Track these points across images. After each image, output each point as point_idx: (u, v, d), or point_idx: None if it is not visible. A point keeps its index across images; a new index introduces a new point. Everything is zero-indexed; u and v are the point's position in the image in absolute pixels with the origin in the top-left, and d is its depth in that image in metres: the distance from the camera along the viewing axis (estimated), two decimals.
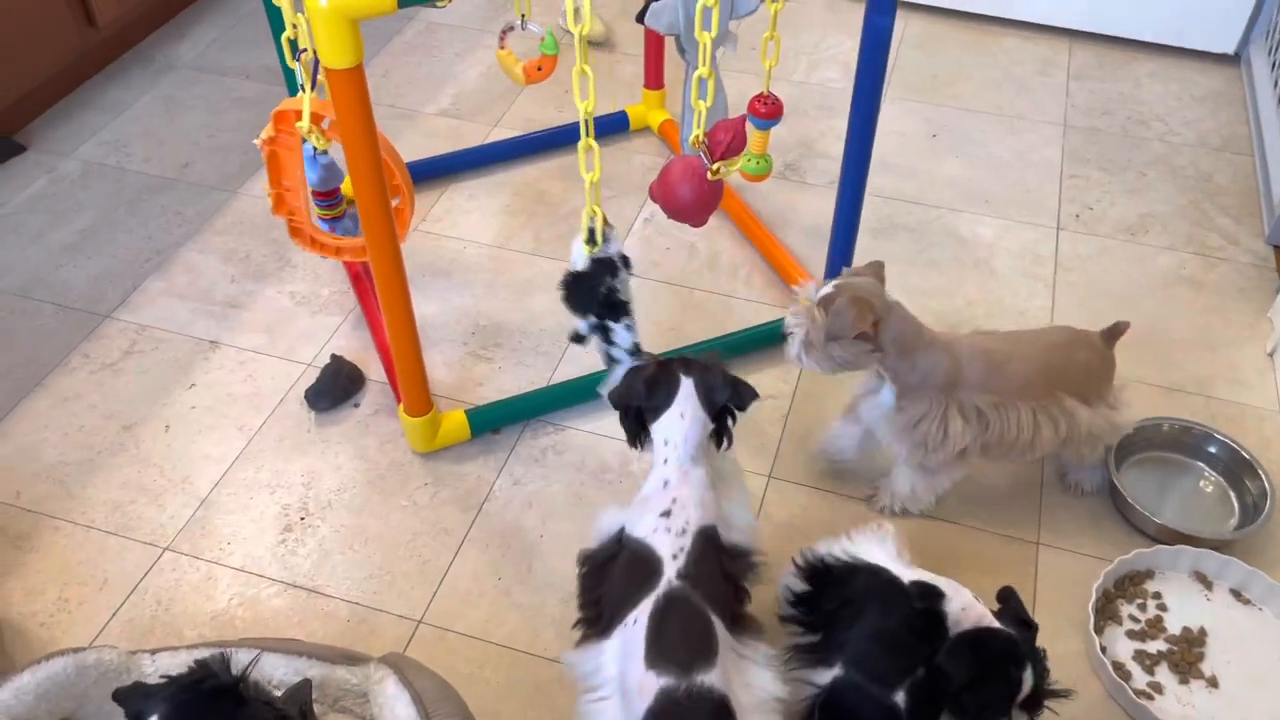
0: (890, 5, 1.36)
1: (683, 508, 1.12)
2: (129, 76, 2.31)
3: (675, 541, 1.10)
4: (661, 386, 1.17)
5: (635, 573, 1.09)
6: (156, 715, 0.95)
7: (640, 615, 1.06)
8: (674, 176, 1.40)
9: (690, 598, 1.06)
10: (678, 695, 1.00)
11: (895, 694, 1.05)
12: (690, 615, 1.05)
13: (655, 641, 1.04)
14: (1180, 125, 2.19)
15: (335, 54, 1.10)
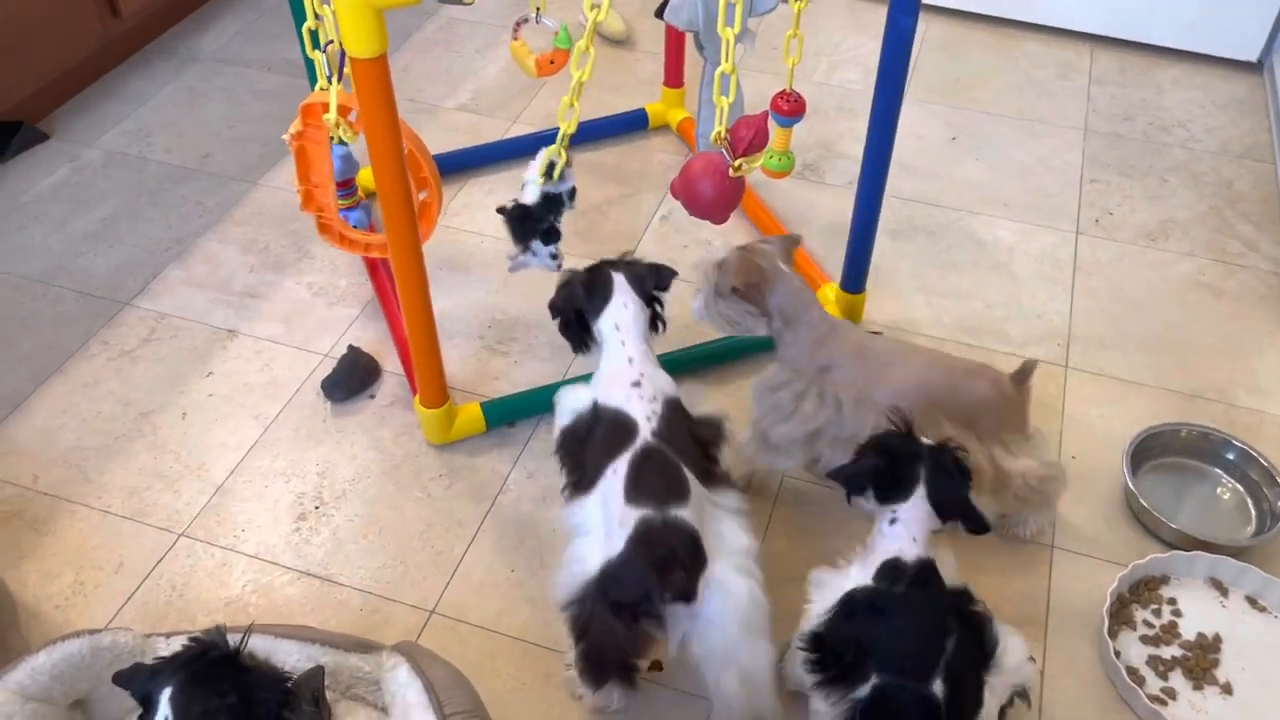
0: (914, 6, 1.36)
1: (650, 380, 1.26)
2: (152, 67, 2.33)
3: (648, 407, 1.23)
4: (599, 286, 1.32)
5: (613, 435, 1.22)
6: (168, 689, 0.96)
7: (619, 466, 1.18)
8: (695, 173, 1.40)
9: (665, 450, 1.20)
10: (654, 523, 1.13)
11: (933, 683, 1.05)
12: (665, 463, 1.19)
13: (634, 483, 1.17)
14: (1202, 132, 2.18)
15: (360, 43, 1.10)
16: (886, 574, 1.12)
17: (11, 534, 1.44)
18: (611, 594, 1.12)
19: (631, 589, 1.11)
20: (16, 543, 1.43)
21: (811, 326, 1.36)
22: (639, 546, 1.12)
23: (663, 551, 1.11)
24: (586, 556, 1.17)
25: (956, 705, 1.06)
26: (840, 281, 1.70)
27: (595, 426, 1.24)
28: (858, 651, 1.08)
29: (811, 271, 1.79)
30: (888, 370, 1.34)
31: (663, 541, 1.12)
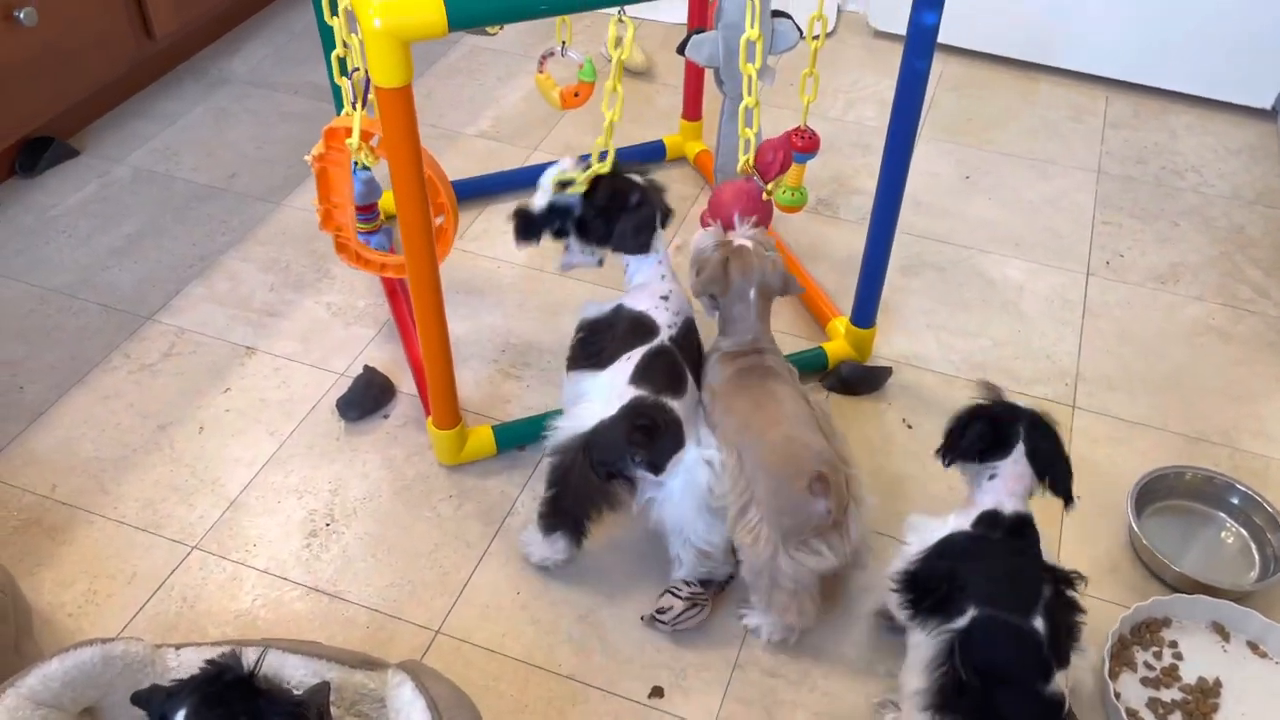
0: (928, 49, 1.39)
1: (678, 298, 1.41)
2: (182, 88, 2.38)
3: (671, 318, 1.39)
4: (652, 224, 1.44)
5: (635, 331, 1.37)
6: (184, 710, 0.98)
7: (634, 355, 1.35)
8: (725, 200, 1.44)
9: (676, 355, 1.37)
10: (647, 401, 1.31)
11: (1034, 619, 1.09)
12: (673, 364, 1.36)
13: (641, 371, 1.34)
14: (1214, 177, 2.20)
15: (386, 74, 1.13)
16: (984, 522, 1.18)
17: (29, 541, 1.46)
18: (594, 451, 1.29)
19: (611, 448, 1.28)
20: (34, 550, 1.45)
21: (735, 344, 1.40)
22: (626, 414, 1.29)
23: (644, 422, 1.28)
24: (582, 417, 1.33)
25: (1055, 645, 1.10)
26: (850, 315, 1.72)
27: (617, 322, 1.40)
28: (951, 586, 1.13)
29: (822, 305, 1.81)
30: (736, 436, 1.32)
31: (648, 415, 1.29)
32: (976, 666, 1.10)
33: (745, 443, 1.30)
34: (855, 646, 1.38)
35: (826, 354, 1.72)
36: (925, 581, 1.17)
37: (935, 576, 1.16)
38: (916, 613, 1.17)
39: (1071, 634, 1.14)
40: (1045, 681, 1.10)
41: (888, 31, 2.60)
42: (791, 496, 1.24)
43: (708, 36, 1.65)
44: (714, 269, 1.38)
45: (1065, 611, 1.14)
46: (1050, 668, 1.10)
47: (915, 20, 1.36)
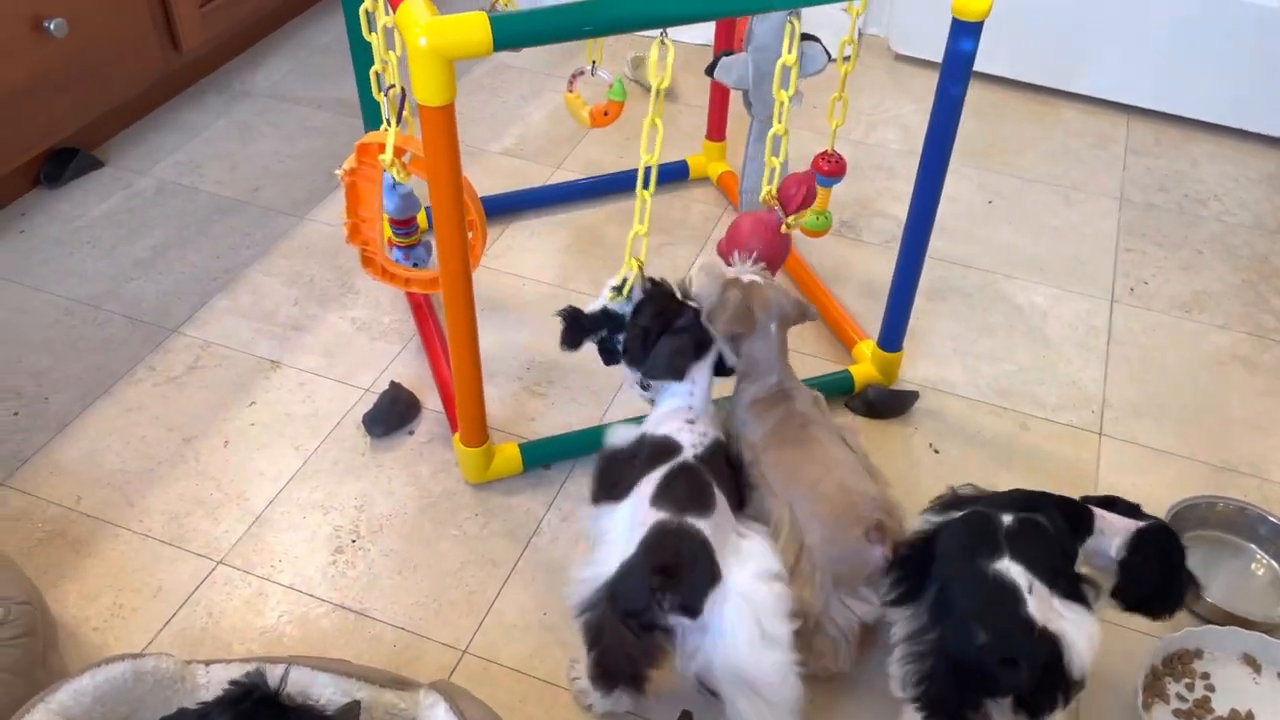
0: (964, 75, 1.39)
1: (704, 422, 1.31)
2: (206, 101, 2.39)
3: (696, 438, 1.28)
4: (696, 343, 1.34)
5: (657, 455, 1.26)
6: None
7: (654, 477, 1.23)
8: (744, 232, 1.43)
9: (700, 470, 1.24)
10: (668, 526, 1.16)
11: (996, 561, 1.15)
12: (698, 480, 1.23)
13: (662, 490, 1.21)
14: (1236, 206, 2.20)
15: (430, 92, 1.14)
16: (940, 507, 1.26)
17: (53, 554, 1.46)
18: (619, 602, 1.14)
19: (634, 596, 1.13)
20: (58, 562, 1.45)
21: (762, 388, 1.35)
22: (646, 551, 1.14)
23: (667, 557, 1.12)
24: (605, 560, 1.19)
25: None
26: (877, 339, 1.72)
27: (640, 451, 1.29)
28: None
29: (847, 328, 1.81)
30: (788, 488, 1.28)
31: (670, 546, 1.13)
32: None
33: (795, 495, 1.26)
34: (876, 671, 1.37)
35: (853, 377, 1.71)
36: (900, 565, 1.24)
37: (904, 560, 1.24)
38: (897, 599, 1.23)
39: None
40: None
41: (908, 55, 2.61)
42: (847, 544, 1.22)
43: (737, 59, 1.65)
44: (737, 309, 1.34)
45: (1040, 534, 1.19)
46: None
47: (953, 47, 1.36)
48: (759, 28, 1.60)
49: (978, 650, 1.11)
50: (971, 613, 1.13)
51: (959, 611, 1.14)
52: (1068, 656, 1.13)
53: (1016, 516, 1.19)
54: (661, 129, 1.29)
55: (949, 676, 1.13)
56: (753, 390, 1.37)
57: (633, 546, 1.17)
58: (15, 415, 1.65)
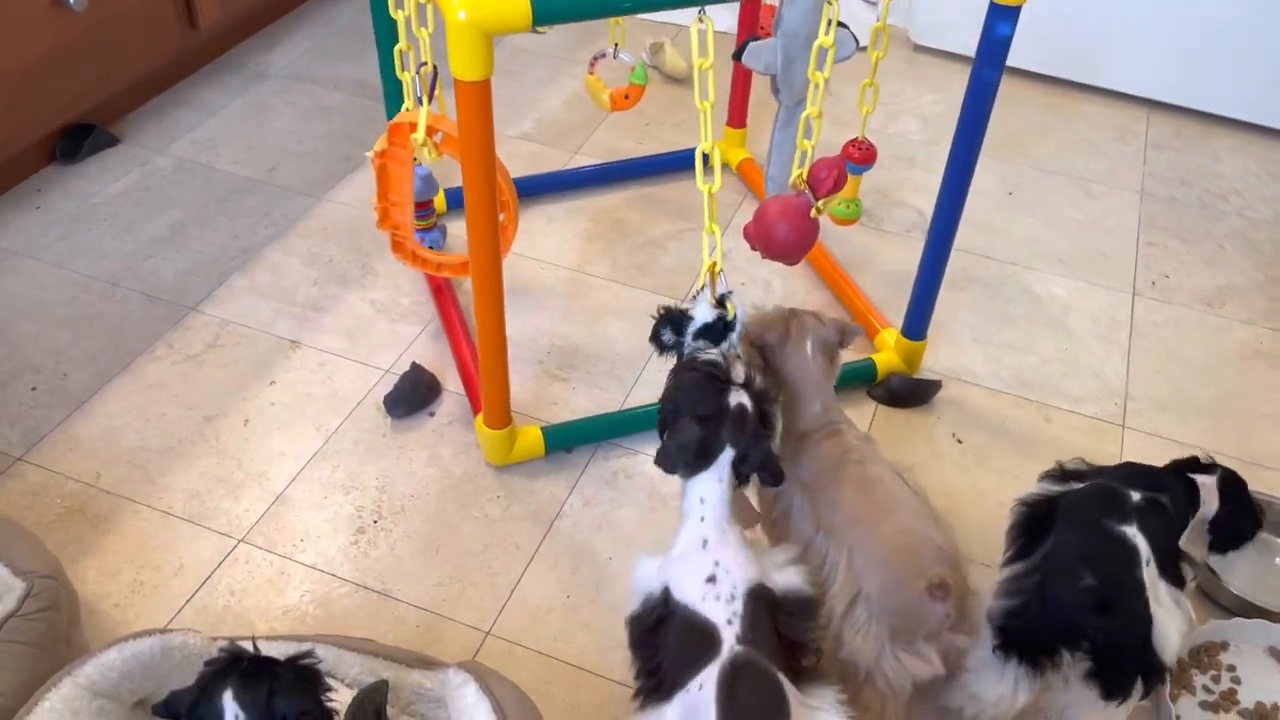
0: (999, 61, 1.38)
1: (727, 571, 1.08)
2: (223, 79, 2.37)
3: (727, 608, 1.06)
4: (703, 443, 1.12)
5: (692, 642, 1.05)
6: (228, 692, 0.98)
7: (705, 682, 1.02)
8: (773, 215, 1.42)
9: (756, 661, 1.03)
10: None
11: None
12: (761, 679, 1.02)
13: (728, 707, 1.00)
14: (1258, 201, 2.19)
15: (468, 67, 1.12)
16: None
17: (73, 530, 1.45)
18: None
19: None
20: (78, 538, 1.43)
21: (807, 418, 1.27)
22: None
23: None
24: None
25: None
26: (901, 328, 1.71)
27: (667, 620, 1.09)
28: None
29: (870, 317, 1.80)
30: (846, 531, 1.20)
31: None
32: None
33: (856, 539, 1.18)
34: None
35: (876, 365, 1.71)
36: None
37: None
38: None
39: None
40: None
41: (927, 46, 2.60)
42: (907, 597, 1.14)
43: (766, 44, 1.64)
44: (773, 317, 1.30)
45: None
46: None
47: (989, 31, 1.35)
48: (788, 12, 1.59)
49: (1079, 592, 1.11)
50: (1085, 558, 1.14)
51: (1071, 556, 1.14)
52: (1158, 643, 1.12)
53: (1144, 494, 1.20)
54: (711, 114, 1.22)
55: (1039, 615, 1.13)
56: (800, 421, 1.28)
57: None
58: (34, 390, 1.63)
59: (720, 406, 1.13)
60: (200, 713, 1.00)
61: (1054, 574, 1.14)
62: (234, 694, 0.99)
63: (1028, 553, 1.20)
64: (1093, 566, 1.13)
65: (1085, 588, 1.12)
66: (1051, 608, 1.13)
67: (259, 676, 1.00)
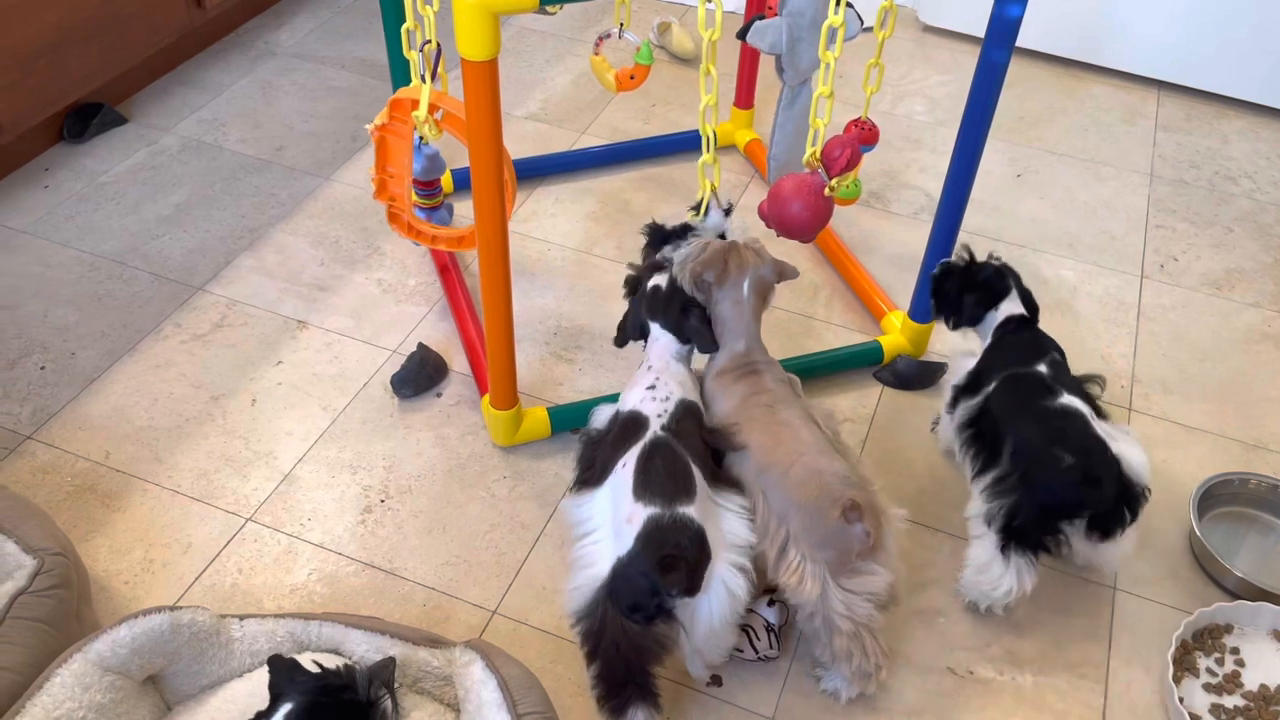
0: (1009, 42, 1.37)
1: (665, 384, 1.29)
2: (229, 59, 2.37)
3: (660, 406, 1.26)
4: (637, 321, 1.39)
5: (625, 431, 1.25)
6: (290, 704, 0.99)
7: (629, 460, 1.21)
8: (786, 194, 1.42)
9: (672, 444, 1.22)
10: (663, 521, 1.15)
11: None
12: (673, 458, 1.20)
13: (642, 478, 1.18)
14: (1268, 184, 2.18)
15: (475, 46, 1.12)
16: (1001, 328, 1.44)
17: (84, 508, 1.46)
18: (622, 597, 1.14)
19: (640, 590, 1.13)
20: (89, 516, 1.44)
21: (729, 357, 1.34)
22: (648, 545, 1.14)
23: (670, 549, 1.13)
24: (596, 560, 1.18)
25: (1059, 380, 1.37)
26: (908, 310, 1.71)
27: (613, 428, 1.28)
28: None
29: (877, 299, 1.80)
30: (758, 478, 1.25)
31: (671, 540, 1.14)
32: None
33: (769, 482, 1.23)
34: (913, 643, 1.37)
35: (883, 348, 1.70)
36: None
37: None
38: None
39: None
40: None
41: (936, 26, 2.58)
42: (828, 527, 1.19)
43: (771, 23, 1.63)
44: (712, 254, 1.34)
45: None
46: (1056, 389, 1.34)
47: (998, 11, 1.34)
48: None
49: (1064, 472, 1.25)
50: (1052, 439, 1.27)
51: (1040, 446, 1.27)
52: (1130, 472, 1.26)
53: (1045, 362, 1.37)
54: (716, 75, 1.27)
55: (1034, 506, 1.26)
56: (721, 359, 1.35)
57: (625, 542, 1.15)
58: (42, 369, 1.64)
59: (639, 290, 1.39)
60: (277, 692, 1.01)
61: (1034, 468, 1.27)
62: (293, 708, 1.00)
63: (994, 461, 1.32)
64: (1064, 446, 1.26)
65: (1067, 467, 1.25)
66: (1045, 495, 1.26)
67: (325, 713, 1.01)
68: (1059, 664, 1.35)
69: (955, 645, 1.36)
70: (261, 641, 1.19)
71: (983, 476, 1.33)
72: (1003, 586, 1.31)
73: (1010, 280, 1.48)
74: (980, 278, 1.48)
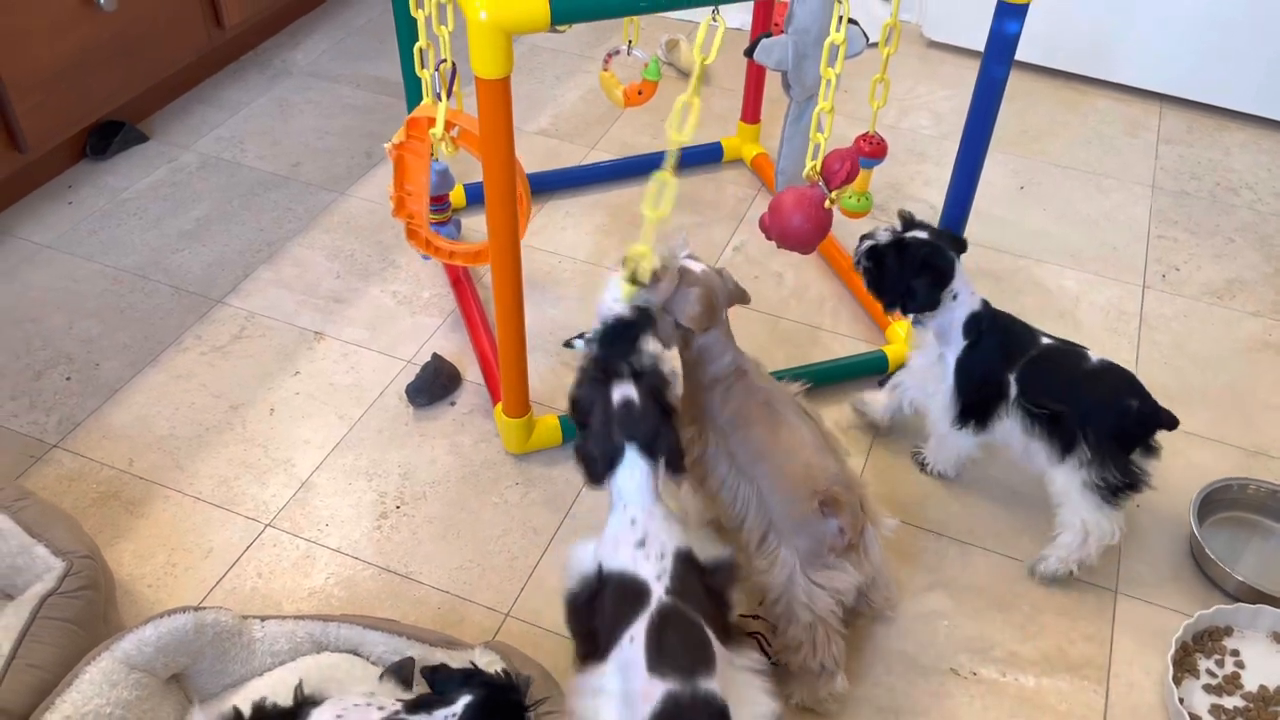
0: (1008, 57, 1.41)
1: (656, 536, 1.14)
2: (247, 78, 2.42)
3: (657, 565, 1.13)
4: (609, 443, 1.17)
5: (624, 599, 1.12)
6: (470, 697, 1.02)
7: (635, 633, 1.09)
8: (787, 206, 1.45)
9: (682, 609, 1.10)
10: (683, 700, 1.04)
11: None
12: (686, 625, 1.09)
13: (656, 650, 1.07)
14: (1269, 195, 2.21)
15: (489, 65, 1.16)
16: (975, 324, 1.46)
17: (108, 514, 1.50)
18: None
19: None
20: (113, 522, 1.48)
21: (720, 367, 1.32)
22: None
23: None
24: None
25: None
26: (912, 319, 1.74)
27: (602, 591, 1.15)
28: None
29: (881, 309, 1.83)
30: (754, 467, 1.27)
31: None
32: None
33: (760, 474, 1.27)
34: (917, 644, 1.39)
35: (887, 357, 1.74)
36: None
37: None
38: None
39: None
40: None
41: (940, 41, 2.62)
42: (803, 518, 1.23)
43: (778, 41, 1.67)
44: (698, 304, 1.27)
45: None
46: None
47: (997, 28, 1.38)
48: (799, 9, 1.62)
49: (1137, 414, 1.39)
50: (1112, 393, 1.40)
51: (1094, 401, 1.39)
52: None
53: (1007, 320, 1.48)
54: (697, 105, 1.21)
55: (1122, 454, 1.39)
56: (712, 372, 1.32)
57: (639, 715, 1.05)
58: (68, 380, 1.69)
59: (606, 406, 1.17)
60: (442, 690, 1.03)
61: (1097, 420, 1.38)
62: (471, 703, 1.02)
63: (1071, 438, 1.39)
64: (1126, 391, 1.40)
65: (1125, 404, 1.39)
66: (1129, 441, 1.39)
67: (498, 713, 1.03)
68: (1061, 666, 1.37)
69: (959, 647, 1.39)
70: (282, 642, 1.23)
71: (1070, 454, 1.39)
72: (1116, 534, 1.42)
73: (947, 248, 1.43)
74: (919, 257, 1.42)
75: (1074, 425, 1.38)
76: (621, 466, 1.17)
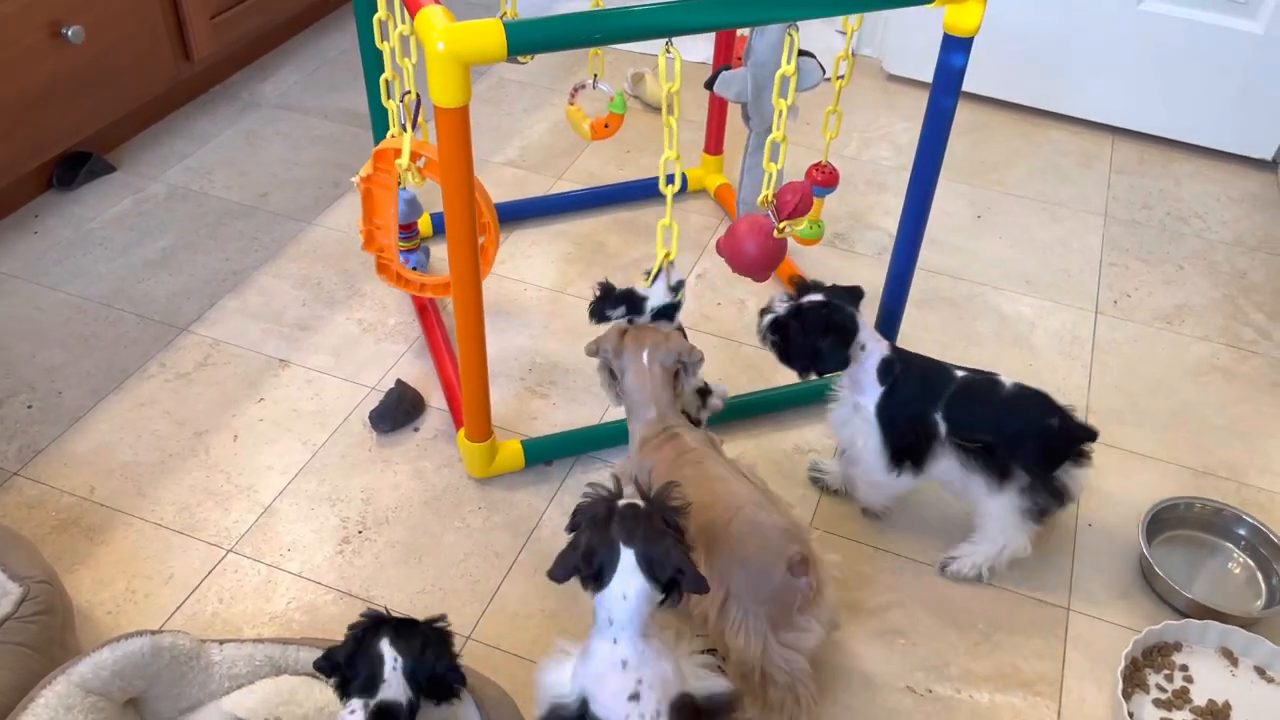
0: (955, 89, 1.45)
1: (650, 688, 1.05)
2: (216, 109, 2.44)
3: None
4: (601, 558, 1.07)
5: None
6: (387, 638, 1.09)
7: None
8: (741, 233, 1.49)
9: None
10: None
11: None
12: None
13: None
14: (1217, 224, 2.27)
15: (447, 95, 1.19)
16: (889, 370, 1.46)
17: (68, 541, 1.49)
18: None
19: None
20: (73, 549, 1.48)
21: (645, 425, 1.36)
22: None
23: None
24: None
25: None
26: None
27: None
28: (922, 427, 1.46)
29: None
30: (698, 535, 1.22)
31: None
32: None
33: (708, 539, 1.23)
34: (873, 663, 1.41)
35: None
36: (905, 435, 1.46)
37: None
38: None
39: None
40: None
41: (900, 75, 2.69)
42: (773, 583, 1.21)
43: (737, 74, 1.72)
44: (609, 332, 1.39)
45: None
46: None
47: (944, 61, 1.42)
48: (758, 43, 1.67)
49: (1059, 432, 1.41)
50: (1036, 417, 1.41)
51: (1028, 425, 1.41)
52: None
53: (918, 359, 1.49)
54: (676, 129, 1.31)
55: (1049, 475, 1.42)
56: (639, 429, 1.36)
57: None
58: (29, 409, 1.69)
59: (609, 510, 1.08)
60: (358, 663, 1.08)
61: (1041, 444, 1.41)
62: (390, 642, 1.08)
63: (1004, 467, 1.42)
64: (1042, 415, 1.42)
65: (1058, 427, 1.41)
66: (1030, 452, 1.41)
67: (411, 631, 1.10)
68: (1015, 682, 1.40)
69: (914, 665, 1.41)
70: (240, 665, 1.23)
71: (1008, 482, 1.42)
72: (1028, 549, 1.46)
73: (845, 304, 1.44)
74: (820, 319, 1.42)
75: (1005, 454, 1.40)
76: (616, 581, 1.05)
